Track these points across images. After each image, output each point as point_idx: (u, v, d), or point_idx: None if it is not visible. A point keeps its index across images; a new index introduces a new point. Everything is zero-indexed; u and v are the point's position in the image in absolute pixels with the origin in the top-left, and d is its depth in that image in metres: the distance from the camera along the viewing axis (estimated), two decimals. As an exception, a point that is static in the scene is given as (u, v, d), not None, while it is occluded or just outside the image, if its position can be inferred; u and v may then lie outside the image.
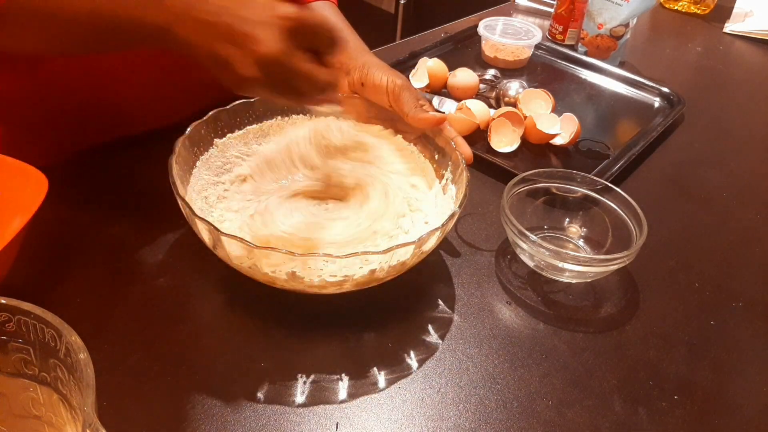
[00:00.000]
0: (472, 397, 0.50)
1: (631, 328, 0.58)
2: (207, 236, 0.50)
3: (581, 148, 0.83)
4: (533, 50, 1.06)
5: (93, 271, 0.57)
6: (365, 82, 0.66)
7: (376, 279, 0.52)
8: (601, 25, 1.06)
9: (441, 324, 0.56)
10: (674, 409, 0.51)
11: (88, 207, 0.64)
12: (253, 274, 0.51)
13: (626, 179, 0.78)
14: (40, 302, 0.35)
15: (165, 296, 0.55)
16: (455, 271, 0.62)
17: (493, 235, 0.67)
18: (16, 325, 0.35)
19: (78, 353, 0.33)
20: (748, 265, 0.67)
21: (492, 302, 0.59)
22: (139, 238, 0.61)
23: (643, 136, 0.85)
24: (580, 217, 0.67)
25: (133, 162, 0.69)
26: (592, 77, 1.03)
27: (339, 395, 0.49)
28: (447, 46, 1.07)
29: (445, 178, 0.62)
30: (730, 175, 0.82)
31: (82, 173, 0.67)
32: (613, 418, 0.49)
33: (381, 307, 0.56)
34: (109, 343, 0.50)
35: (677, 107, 0.93)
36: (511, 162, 0.77)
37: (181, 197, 0.50)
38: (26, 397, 0.38)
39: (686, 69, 1.15)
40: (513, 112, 0.80)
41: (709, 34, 1.28)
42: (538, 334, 0.56)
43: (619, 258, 0.56)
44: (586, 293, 0.61)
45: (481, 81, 0.92)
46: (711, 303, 0.61)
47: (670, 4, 1.39)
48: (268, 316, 0.54)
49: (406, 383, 0.50)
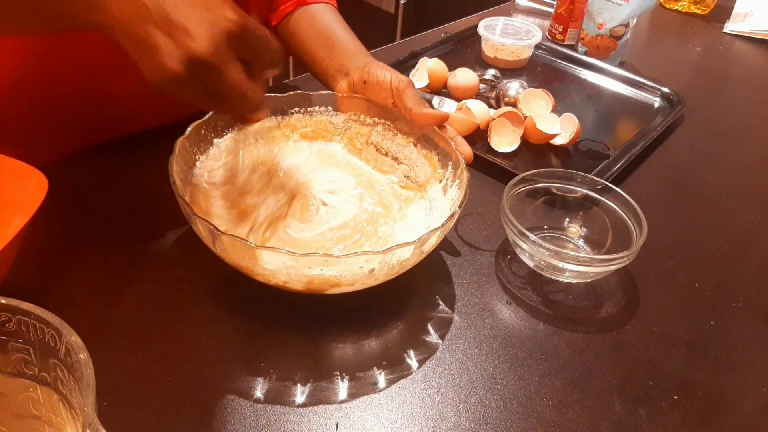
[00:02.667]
0: (472, 397, 0.50)
1: (631, 328, 0.58)
2: (207, 236, 0.50)
3: (581, 148, 0.83)
4: (533, 50, 1.06)
5: (93, 271, 0.57)
6: (368, 80, 0.66)
7: (376, 279, 0.52)
8: (601, 25, 1.06)
9: (441, 324, 0.56)
10: (674, 409, 0.51)
11: (88, 207, 0.64)
12: (253, 274, 0.51)
13: (626, 179, 0.78)
14: (40, 302, 0.35)
15: (165, 296, 0.55)
16: (455, 271, 0.62)
17: (493, 235, 0.67)
18: (16, 325, 0.35)
19: (78, 353, 0.33)
20: (748, 265, 0.67)
21: (492, 302, 0.59)
22: (139, 238, 0.61)
23: (643, 136, 0.85)
24: (580, 217, 0.67)
25: (133, 162, 0.69)
26: (592, 77, 1.03)
27: (339, 395, 0.49)
28: (447, 46, 1.07)
29: (445, 177, 0.62)
30: (730, 175, 0.82)
31: (82, 173, 0.67)
32: (613, 418, 0.49)
33: (381, 307, 0.56)
34: (109, 343, 0.50)
35: (677, 107, 0.93)
36: (511, 162, 0.77)
37: (182, 197, 0.50)
38: (26, 397, 0.38)
39: (686, 69, 1.15)
40: (513, 112, 0.80)
41: (709, 34, 1.28)
42: (538, 334, 0.56)
43: (619, 258, 0.56)
44: (586, 293, 0.61)
45: (481, 81, 0.92)
46: (711, 303, 0.61)
47: (670, 4, 1.39)
48: (268, 316, 0.54)
49: (406, 383, 0.50)
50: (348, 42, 0.74)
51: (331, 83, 0.73)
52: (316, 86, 0.76)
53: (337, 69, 0.72)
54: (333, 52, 0.73)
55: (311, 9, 0.78)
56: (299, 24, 0.78)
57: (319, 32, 0.76)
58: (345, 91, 0.69)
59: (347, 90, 0.69)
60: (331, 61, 0.73)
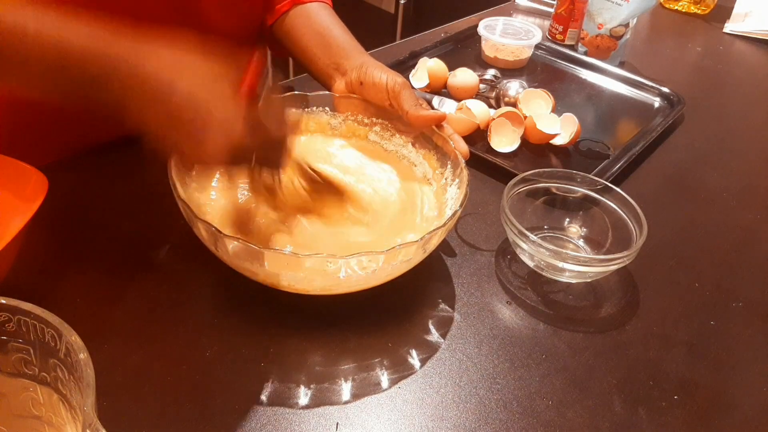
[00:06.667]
0: (472, 397, 0.50)
1: (631, 328, 0.58)
2: (207, 237, 0.50)
3: (581, 148, 0.83)
4: (533, 50, 1.06)
5: (93, 271, 0.57)
6: (364, 81, 0.66)
7: (378, 279, 0.52)
8: (601, 25, 1.06)
9: (441, 324, 0.56)
10: (674, 409, 0.51)
11: (88, 207, 0.64)
12: (253, 275, 0.51)
13: (626, 179, 0.78)
14: (40, 302, 0.35)
15: (165, 296, 0.55)
16: (455, 271, 0.62)
17: (493, 235, 0.67)
18: (16, 325, 0.35)
19: (78, 353, 0.33)
20: (748, 265, 0.67)
21: (492, 302, 0.59)
22: (139, 238, 0.61)
23: (643, 136, 0.85)
24: (580, 217, 0.67)
25: (133, 162, 0.69)
26: (592, 77, 1.03)
27: (339, 395, 0.49)
28: (447, 46, 1.07)
29: (445, 177, 0.62)
30: (730, 175, 0.82)
31: (82, 173, 0.67)
32: (613, 418, 0.49)
33: (381, 307, 0.56)
34: (109, 343, 0.50)
35: (677, 107, 0.93)
36: (511, 162, 0.77)
37: (181, 198, 0.50)
38: (26, 397, 0.38)
39: (686, 69, 1.15)
40: (513, 112, 0.80)
41: (709, 34, 1.28)
42: (538, 334, 0.56)
43: (619, 258, 0.56)
44: (586, 293, 0.61)
45: (481, 81, 0.92)
46: (711, 303, 0.61)
47: (670, 4, 1.39)
48: (269, 316, 0.54)
49: (407, 383, 0.50)
50: (344, 41, 0.74)
51: (328, 82, 0.73)
52: (315, 86, 0.76)
53: (334, 68, 0.72)
54: (329, 51, 0.73)
55: (307, 8, 0.78)
56: (295, 23, 0.78)
57: (315, 31, 0.76)
58: (342, 91, 0.69)
59: (345, 90, 0.69)
60: (328, 60, 0.73)
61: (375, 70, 0.66)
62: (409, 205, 0.62)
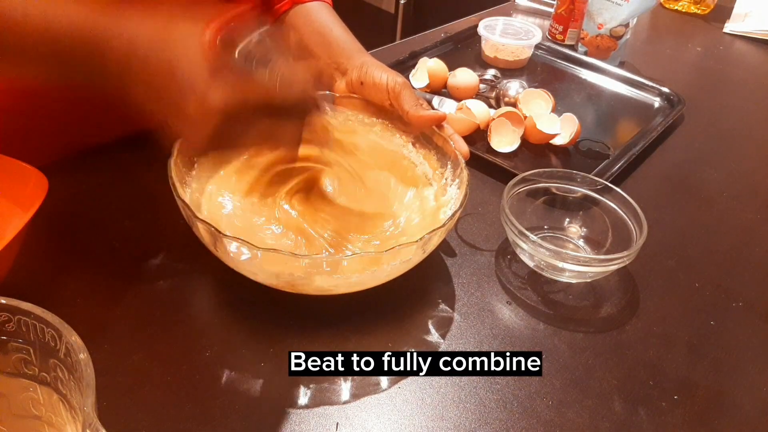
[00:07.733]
0: (472, 397, 0.50)
1: (631, 328, 0.58)
2: (207, 237, 0.50)
3: (581, 148, 0.83)
4: (533, 50, 1.06)
5: (93, 271, 0.57)
6: (364, 80, 0.66)
7: (377, 279, 0.52)
8: (601, 25, 1.06)
9: (441, 324, 0.56)
10: (674, 409, 0.51)
11: (88, 207, 0.64)
12: (253, 275, 0.51)
13: (626, 179, 0.78)
14: (40, 302, 0.35)
15: (165, 296, 0.55)
16: (455, 271, 0.62)
17: (493, 235, 0.67)
18: (16, 325, 0.35)
19: (78, 353, 0.33)
20: (748, 265, 0.67)
21: (492, 302, 0.59)
22: (139, 238, 0.61)
23: (643, 136, 0.85)
24: (580, 217, 0.67)
25: (133, 162, 0.69)
26: (592, 77, 1.03)
27: (339, 395, 0.49)
28: (447, 46, 1.07)
29: (445, 177, 0.62)
30: (730, 175, 0.82)
31: (82, 173, 0.67)
32: (613, 418, 0.49)
33: (381, 307, 0.56)
34: (109, 343, 0.50)
35: (677, 107, 0.93)
36: (511, 162, 0.77)
37: (181, 198, 0.50)
38: (26, 397, 0.38)
39: (686, 69, 1.15)
40: (513, 112, 0.80)
41: (709, 34, 1.28)
42: (538, 334, 0.56)
43: (619, 258, 0.56)
44: (586, 293, 0.61)
45: (481, 81, 0.92)
46: (711, 303, 0.61)
47: (670, 4, 1.39)
48: (268, 317, 0.54)
49: (407, 383, 0.50)
50: (344, 40, 0.74)
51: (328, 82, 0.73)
52: (316, 86, 0.76)
53: (334, 67, 0.72)
54: (329, 51, 0.73)
55: (306, 7, 0.78)
56: (295, 23, 0.78)
57: (315, 30, 0.76)
58: (343, 91, 0.69)
59: (345, 90, 0.69)
60: (329, 60, 0.73)
61: (375, 69, 0.66)
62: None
